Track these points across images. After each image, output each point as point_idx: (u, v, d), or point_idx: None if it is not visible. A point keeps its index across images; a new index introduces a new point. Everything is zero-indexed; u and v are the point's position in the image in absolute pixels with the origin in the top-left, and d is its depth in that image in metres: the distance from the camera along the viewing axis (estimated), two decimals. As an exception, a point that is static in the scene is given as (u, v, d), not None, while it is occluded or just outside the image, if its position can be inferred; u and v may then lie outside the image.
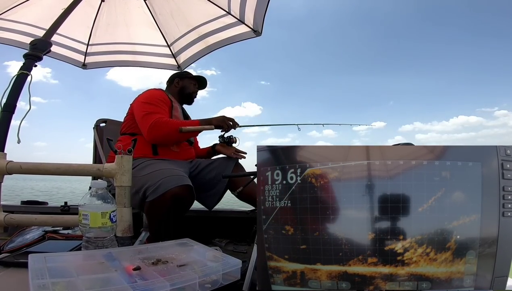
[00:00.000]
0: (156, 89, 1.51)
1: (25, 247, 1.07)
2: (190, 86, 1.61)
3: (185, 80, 1.62)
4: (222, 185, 1.43)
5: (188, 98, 1.64)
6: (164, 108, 1.41)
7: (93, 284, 0.61)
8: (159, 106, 1.38)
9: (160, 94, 1.45)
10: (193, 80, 1.64)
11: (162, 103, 1.41)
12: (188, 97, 1.63)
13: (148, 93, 1.45)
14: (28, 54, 1.22)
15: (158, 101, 1.40)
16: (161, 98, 1.42)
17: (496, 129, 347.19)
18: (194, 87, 1.64)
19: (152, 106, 1.36)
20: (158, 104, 1.38)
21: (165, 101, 1.44)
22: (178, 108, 1.53)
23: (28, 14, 1.89)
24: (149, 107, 1.36)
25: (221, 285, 0.73)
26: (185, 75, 1.64)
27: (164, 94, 1.48)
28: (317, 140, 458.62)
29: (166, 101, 1.45)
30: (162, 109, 1.38)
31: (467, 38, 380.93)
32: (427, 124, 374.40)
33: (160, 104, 1.40)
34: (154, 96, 1.42)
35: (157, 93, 1.45)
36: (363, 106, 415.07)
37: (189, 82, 1.62)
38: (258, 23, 1.83)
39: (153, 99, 1.39)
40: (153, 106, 1.37)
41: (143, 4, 2.03)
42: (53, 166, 1.01)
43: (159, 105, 1.38)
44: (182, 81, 1.61)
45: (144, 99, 1.40)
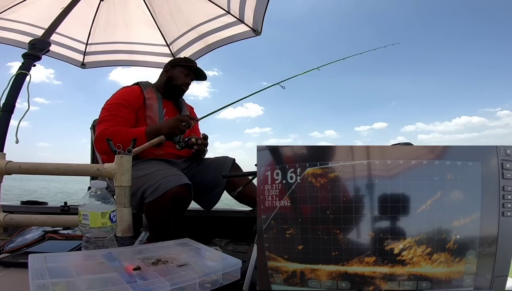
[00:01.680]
0: (127, 86, 1.39)
1: (25, 247, 1.07)
2: (180, 76, 1.42)
3: (175, 69, 1.43)
4: (220, 187, 1.40)
5: (175, 90, 1.44)
6: (123, 112, 1.27)
7: (93, 284, 0.61)
8: (115, 112, 1.26)
9: (125, 94, 1.33)
10: (184, 70, 1.44)
11: (121, 107, 1.27)
12: (175, 89, 1.43)
13: (114, 95, 1.34)
14: (27, 53, 1.22)
15: (116, 105, 1.28)
16: (123, 100, 1.29)
17: (499, 129, 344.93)
18: (185, 78, 1.44)
19: (106, 112, 1.26)
20: (114, 110, 1.26)
21: (130, 101, 1.30)
22: (154, 105, 1.35)
23: (27, 13, 1.88)
24: (103, 113, 1.27)
25: (221, 285, 0.73)
26: (177, 63, 1.46)
27: (133, 93, 1.34)
28: (319, 141, 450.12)
29: (133, 101, 1.31)
30: (118, 115, 1.25)
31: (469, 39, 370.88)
32: (429, 125, 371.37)
33: (119, 108, 1.27)
34: (115, 99, 1.31)
35: (121, 94, 1.33)
36: (365, 107, 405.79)
37: (180, 71, 1.43)
38: (257, 22, 1.83)
39: (112, 104, 1.29)
40: (107, 112, 1.26)
41: (142, 3, 2.02)
42: (52, 166, 1.01)
43: (116, 111, 1.26)
44: (172, 70, 1.43)
45: (106, 104, 1.30)
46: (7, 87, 1.15)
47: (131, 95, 1.33)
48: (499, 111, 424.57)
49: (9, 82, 1.16)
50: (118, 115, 1.27)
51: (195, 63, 1.53)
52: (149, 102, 1.35)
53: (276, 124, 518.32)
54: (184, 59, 1.57)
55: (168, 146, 1.35)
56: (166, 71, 1.45)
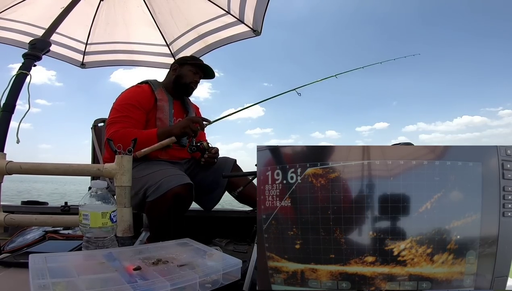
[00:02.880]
0: (138, 86, 1.36)
1: (25, 247, 1.08)
2: (189, 74, 1.41)
3: (184, 68, 1.42)
4: (221, 188, 1.40)
5: (184, 89, 1.42)
6: (135, 114, 1.25)
7: (94, 284, 0.61)
8: (127, 114, 1.23)
9: (136, 94, 1.30)
10: (193, 68, 1.42)
11: (133, 108, 1.25)
12: (184, 88, 1.42)
13: (125, 94, 1.31)
14: (27, 54, 1.22)
15: (127, 106, 1.25)
16: (135, 101, 1.27)
17: (501, 129, 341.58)
18: (194, 76, 1.42)
19: (118, 113, 1.24)
20: (125, 111, 1.24)
21: (142, 103, 1.28)
22: (165, 107, 1.33)
23: (27, 13, 1.88)
24: (114, 114, 1.24)
25: (222, 285, 0.73)
26: (186, 62, 1.44)
27: (144, 93, 1.31)
28: (320, 141, 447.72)
29: (144, 102, 1.28)
30: (130, 117, 1.23)
31: (470, 38, 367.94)
32: (430, 125, 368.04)
33: (130, 110, 1.24)
34: (126, 99, 1.28)
35: (133, 94, 1.30)
36: (366, 107, 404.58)
37: (188, 70, 1.41)
38: (257, 22, 1.83)
39: (122, 104, 1.26)
40: (118, 113, 1.24)
41: (142, 3, 2.02)
42: (52, 166, 1.01)
43: (127, 112, 1.24)
44: (180, 69, 1.42)
45: (116, 103, 1.28)
46: (7, 88, 1.14)
47: (142, 96, 1.30)
48: (501, 111, 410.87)
49: (9, 83, 1.16)
50: (129, 117, 1.24)
51: (202, 61, 1.51)
52: (160, 104, 1.32)
53: (277, 125, 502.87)
54: (192, 57, 1.55)
55: (172, 148, 1.32)
56: (174, 70, 1.43)
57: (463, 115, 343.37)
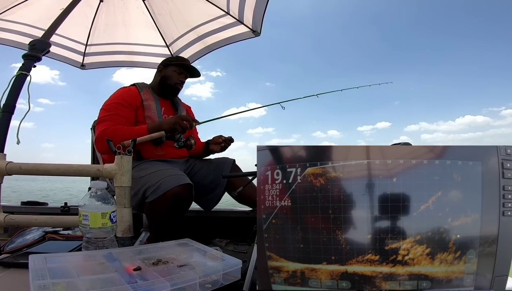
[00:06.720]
0: (125, 87, 1.40)
1: (25, 247, 1.08)
2: (173, 75, 1.42)
3: (168, 69, 1.43)
4: (220, 188, 1.40)
5: (170, 89, 1.43)
6: (123, 112, 1.27)
7: (94, 284, 0.61)
8: (115, 112, 1.25)
9: (123, 93, 1.33)
10: (177, 68, 1.43)
11: (121, 107, 1.27)
12: (170, 89, 1.43)
13: (113, 95, 1.34)
14: (27, 54, 1.22)
15: (115, 105, 1.28)
16: (122, 100, 1.29)
17: (504, 129, 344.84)
18: (179, 76, 1.43)
19: (106, 112, 1.26)
20: (114, 109, 1.26)
21: (129, 101, 1.30)
22: (152, 106, 1.35)
23: (26, 14, 1.88)
24: (103, 113, 1.26)
25: (222, 285, 0.73)
26: (170, 62, 1.45)
27: (130, 92, 1.34)
28: (322, 141, 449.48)
29: (131, 100, 1.31)
30: (118, 115, 1.25)
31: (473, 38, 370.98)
32: (433, 124, 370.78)
33: (118, 108, 1.27)
34: (114, 99, 1.31)
35: (120, 94, 1.33)
36: (368, 106, 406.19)
37: (172, 70, 1.42)
38: (257, 23, 1.83)
39: (111, 104, 1.28)
40: (106, 112, 1.26)
41: (141, 4, 2.02)
42: (53, 167, 1.01)
43: (115, 111, 1.26)
44: (165, 70, 1.43)
45: (104, 104, 1.30)
46: (7, 88, 1.14)
47: (129, 94, 1.33)
48: (504, 111, 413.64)
49: (9, 83, 1.16)
50: (118, 115, 1.26)
51: (188, 61, 1.53)
52: (147, 103, 1.35)
53: (279, 124, 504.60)
54: (176, 58, 1.57)
55: (168, 146, 1.35)
56: (160, 71, 1.45)
57: (466, 115, 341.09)
